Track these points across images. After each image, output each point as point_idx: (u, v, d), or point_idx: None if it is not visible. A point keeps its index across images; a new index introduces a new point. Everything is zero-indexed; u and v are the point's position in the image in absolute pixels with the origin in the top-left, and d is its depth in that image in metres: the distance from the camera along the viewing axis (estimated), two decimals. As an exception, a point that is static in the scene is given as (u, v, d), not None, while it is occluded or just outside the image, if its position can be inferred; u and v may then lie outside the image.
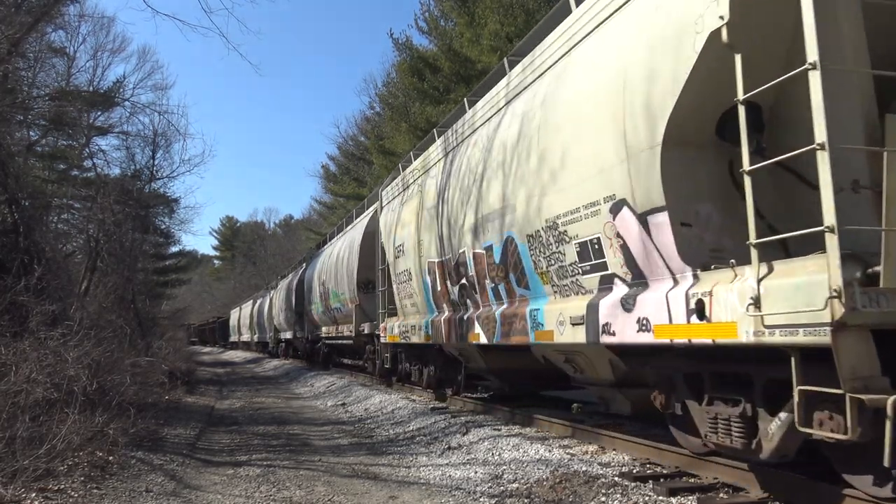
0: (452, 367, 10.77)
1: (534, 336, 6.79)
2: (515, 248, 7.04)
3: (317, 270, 20.88)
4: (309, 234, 51.55)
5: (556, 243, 6.24)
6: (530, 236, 6.69)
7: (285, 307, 28.03)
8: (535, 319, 6.78)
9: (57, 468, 5.74)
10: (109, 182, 18.10)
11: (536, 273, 6.73)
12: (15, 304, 8.41)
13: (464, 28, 25.55)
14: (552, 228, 6.26)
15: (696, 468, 5.40)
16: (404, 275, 11.46)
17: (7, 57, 11.50)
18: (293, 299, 25.36)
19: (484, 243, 7.91)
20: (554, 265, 6.37)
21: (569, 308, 6.14)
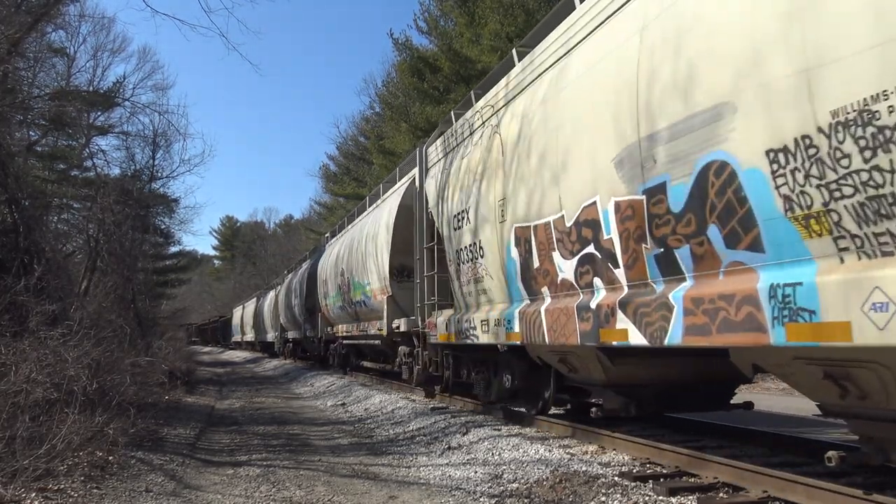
0: (536, 376, 7.98)
1: (794, 335, 3.89)
2: (734, 177, 4.26)
3: (333, 260, 17.99)
4: (309, 234, 51.53)
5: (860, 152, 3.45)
6: (777, 152, 3.94)
7: (293, 304, 25.63)
8: (787, 302, 3.94)
9: (57, 468, 5.73)
10: (109, 182, 18.09)
11: (790, 218, 3.93)
12: (15, 304, 8.40)
13: (464, 28, 25.55)
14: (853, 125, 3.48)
15: (696, 468, 5.40)
16: (469, 251, 8.61)
17: (7, 57, 11.49)
18: (303, 295, 23.14)
19: (648, 182, 5.07)
20: (849, 197, 3.59)
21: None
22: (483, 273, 8.27)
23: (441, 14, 28.34)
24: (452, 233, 9.18)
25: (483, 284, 8.32)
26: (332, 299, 17.93)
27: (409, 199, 12.06)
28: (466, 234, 8.64)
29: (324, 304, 19.20)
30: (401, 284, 12.38)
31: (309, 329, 22.70)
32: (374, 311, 13.84)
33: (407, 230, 11.89)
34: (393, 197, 13.37)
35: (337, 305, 17.42)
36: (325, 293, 18.96)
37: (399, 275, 12.42)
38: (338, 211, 43.16)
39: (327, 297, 18.64)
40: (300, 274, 24.79)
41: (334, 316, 18.21)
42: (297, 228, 66.73)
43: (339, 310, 17.30)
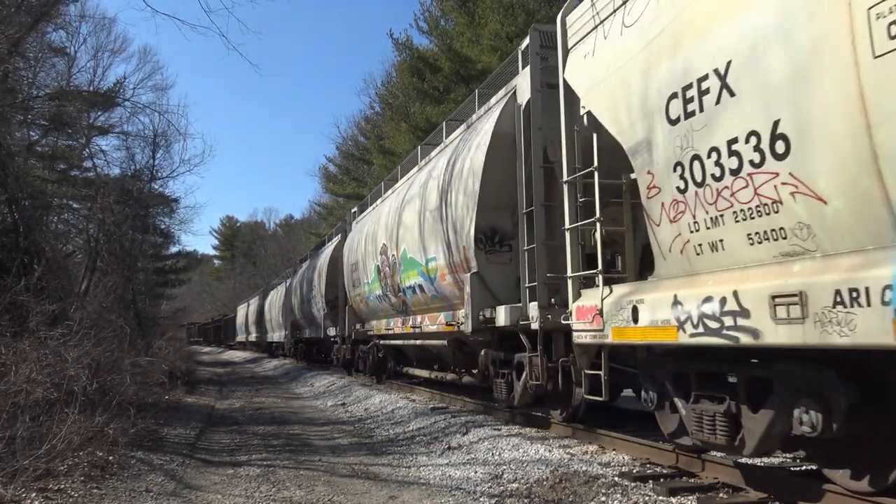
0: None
1: None
2: None
3: (368, 237, 13.90)
4: (309, 236, 51.53)
5: None
6: None
7: (309, 298, 22.14)
8: None
9: (57, 468, 5.74)
10: (109, 182, 18.11)
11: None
12: (15, 304, 8.41)
13: (464, 28, 25.56)
14: None
15: (696, 468, 5.40)
16: (733, 152, 4.18)
17: (7, 57, 11.50)
18: (322, 286, 19.70)
19: None
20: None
21: None
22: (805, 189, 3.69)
23: (441, 14, 28.36)
24: (668, 131, 4.71)
25: (797, 212, 3.76)
26: (367, 287, 13.94)
27: (508, 124, 8.05)
28: (730, 116, 4.16)
29: (352, 294, 15.58)
30: (490, 256, 8.38)
31: (330, 325, 19.12)
32: (440, 297, 9.86)
33: (504, 173, 8.03)
34: (483, 125, 8.74)
35: (374, 295, 13.43)
36: (354, 281, 15.22)
37: (488, 242, 8.41)
38: (337, 211, 43.15)
39: (358, 286, 14.82)
40: (319, 261, 21.30)
41: (368, 309, 14.45)
42: (297, 228, 66.75)
43: (376, 300, 13.36)
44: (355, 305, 15.51)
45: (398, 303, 11.92)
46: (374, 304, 13.59)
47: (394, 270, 11.70)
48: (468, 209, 8.38)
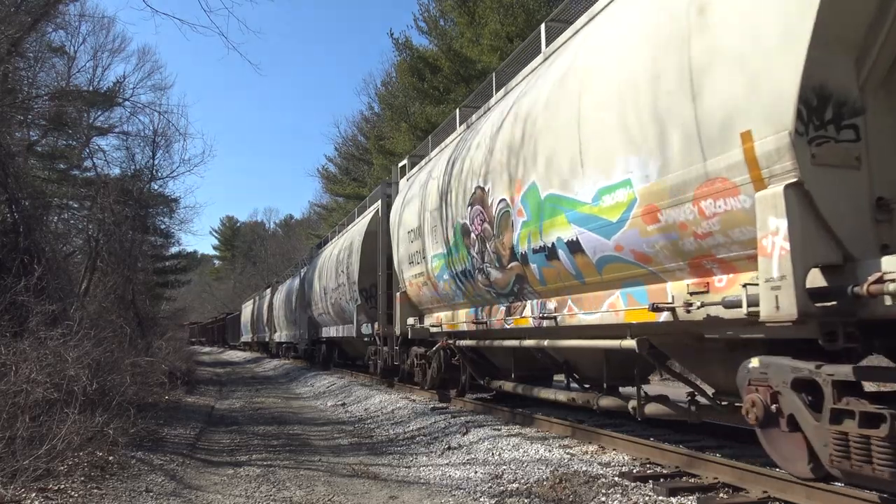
0: None
1: None
2: None
3: (437, 187, 9.84)
4: (309, 236, 51.55)
5: None
6: None
7: (332, 288, 18.25)
8: None
9: (57, 468, 5.73)
10: (109, 182, 18.09)
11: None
12: (15, 304, 8.41)
13: (464, 28, 25.57)
14: None
15: (696, 468, 5.40)
16: None
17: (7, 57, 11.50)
18: (354, 271, 15.57)
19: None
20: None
21: None
22: None
23: (441, 14, 28.37)
24: None
25: None
26: (436, 263, 9.86)
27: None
28: None
29: (408, 276, 11.33)
30: (827, 150, 3.80)
31: (365, 323, 15.27)
32: (634, 255, 5.29)
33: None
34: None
35: (451, 273, 9.26)
36: (411, 257, 11.08)
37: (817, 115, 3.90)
38: (337, 212, 43.17)
39: (418, 263, 10.71)
40: (349, 240, 16.96)
41: (435, 295, 10.35)
42: (297, 228, 66.77)
43: (454, 281, 9.27)
44: (412, 291, 11.29)
45: (504, 279, 7.67)
46: (448, 286, 9.51)
47: (503, 226, 7.34)
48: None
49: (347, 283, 16.32)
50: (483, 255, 8.00)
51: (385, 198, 14.49)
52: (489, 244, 7.78)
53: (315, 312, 21.21)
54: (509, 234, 7.17)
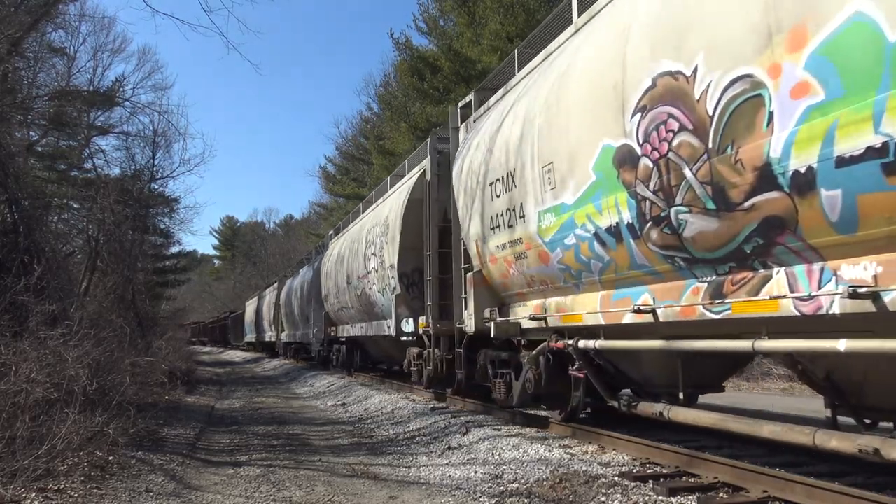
0: None
1: None
2: None
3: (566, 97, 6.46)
4: (309, 236, 51.57)
5: None
6: None
7: (359, 276, 14.82)
8: None
9: (57, 468, 5.73)
10: (109, 182, 18.12)
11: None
12: (15, 304, 8.41)
13: (464, 28, 25.57)
14: None
15: (696, 468, 5.40)
16: None
17: (7, 57, 11.51)
18: (391, 252, 12.19)
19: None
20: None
21: None
22: None
23: (440, 14, 28.39)
24: None
25: None
26: (548, 218, 6.68)
27: None
28: None
29: (490, 247, 8.11)
30: None
31: (406, 318, 12.11)
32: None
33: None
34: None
35: (598, 228, 5.89)
36: (499, 215, 7.76)
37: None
38: (337, 211, 43.19)
39: (506, 228, 7.62)
40: (385, 213, 13.39)
41: (535, 273, 7.23)
42: (297, 228, 66.77)
43: (581, 245, 6.19)
44: (495, 270, 8.15)
45: (724, 230, 4.60)
46: (572, 256, 6.33)
47: (739, 127, 4.30)
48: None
49: (381, 269, 12.92)
50: (670, 193, 4.89)
51: (435, 154, 11.32)
52: (692, 169, 4.62)
53: (332, 308, 18.15)
54: (759, 138, 4.11)
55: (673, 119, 4.80)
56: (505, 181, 7.56)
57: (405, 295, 11.93)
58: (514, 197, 7.33)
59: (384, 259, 12.75)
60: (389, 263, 12.32)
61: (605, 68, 5.70)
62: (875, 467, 5.21)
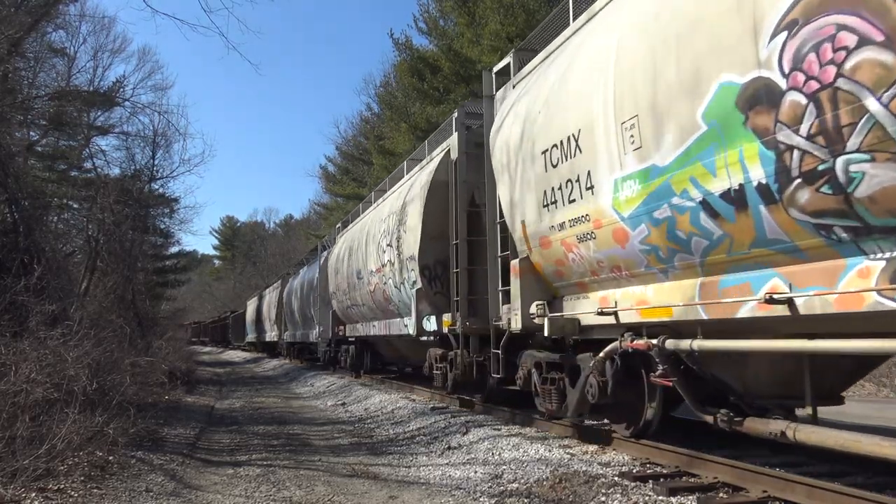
0: None
1: None
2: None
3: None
4: (309, 236, 51.58)
5: None
6: None
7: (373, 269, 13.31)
8: None
9: (57, 468, 5.73)
10: (109, 182, 18.12)
11: None
12: (15, 304, 8.41)
13: (464, 28, 25.59)
14: None
15: (696, 468, 5.40)
16: None
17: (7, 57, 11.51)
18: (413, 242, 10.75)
19: None
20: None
21: None
22: None
23: (440, 14, 28.40)
24: None
25: None
26: (629, 187, 5.31)
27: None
28: None
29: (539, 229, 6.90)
30: None
31: (428, 315, 10.68)
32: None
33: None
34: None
35: (709, 194, 4.50)
36: (555, 189, 6.46)
37: None
38: (337, 211, 43.20)
39: (570, 200, 6.22)
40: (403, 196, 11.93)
41: (606, 257, 5.88)
42: (297, 228, 66.79)
43: (679, 219, 4.84)
44: (546, 257, 6.92)
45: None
46: (663, 234, 5.11)
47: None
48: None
49: (398, 261, 11.54)
50: (838, 137, 3.60)
51: (464, 130, 9.91)
52: (881, 98, 3.36)
53: (341, 306, 16.92)
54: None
55: (847, 32, 3.48)
56: (565, 147, 6.18)
57: (427, 289, 10.48)
58: (577, 165, 5.98)
59: (402, 250, 11.21)
60: (409, 255, 10.79)
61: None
62: (875, 467, 5.22)
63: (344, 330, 17.33)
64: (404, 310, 11.91)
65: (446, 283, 10.22)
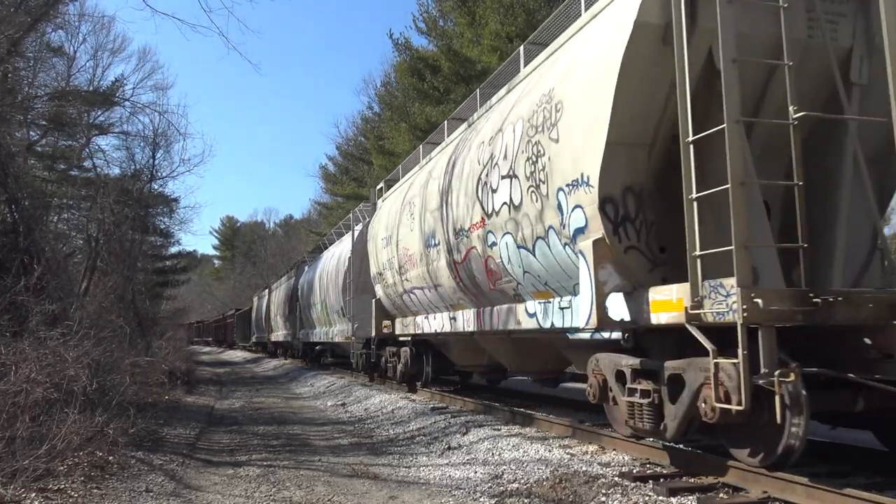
0: None
1: None
2: None
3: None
4: (310, 234, 51.59)
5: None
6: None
7: (494, 211, 7.68)
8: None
9: (57, 468, 5.73)
10: (109, 182, 18.13)
11: None
12: (15, 304, 8.41)
13: (464, 28, 25.60)
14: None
15: (696, 468, 5.40)
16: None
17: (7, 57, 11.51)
18: (590, 146, 5.70)
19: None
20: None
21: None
22: None
23: (440, 14, 28.42)
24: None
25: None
26: None
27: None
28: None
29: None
30: None
31: (614, 290, 5.78)
32: None
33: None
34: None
35: None
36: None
37: None
38: (337, 211, 43.21)
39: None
40: (551, 87, 6.67)
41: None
42: (297, 228, 66.79)
43: None
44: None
45: None
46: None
47: None
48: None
49: (539, 198, 6.88)
50: None
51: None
52: None
53: (390, 292, 12.61)
54: None
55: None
56: None
57: (611, 241, 5.69)
58: None
59: (549, 174, 6.46)
60: (569, 179, 6.08)
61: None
62: (875, 467, 5.22)
63: (392, 326, 13.07)
64: (536, 285, 7.25)
65: (648, 227, 5.73)
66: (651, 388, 5.43)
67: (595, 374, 6.30)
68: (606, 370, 6.14)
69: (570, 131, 6.12)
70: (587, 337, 6.63)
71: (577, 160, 6.00)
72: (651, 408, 5.46)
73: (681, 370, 5.08)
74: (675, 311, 5.05)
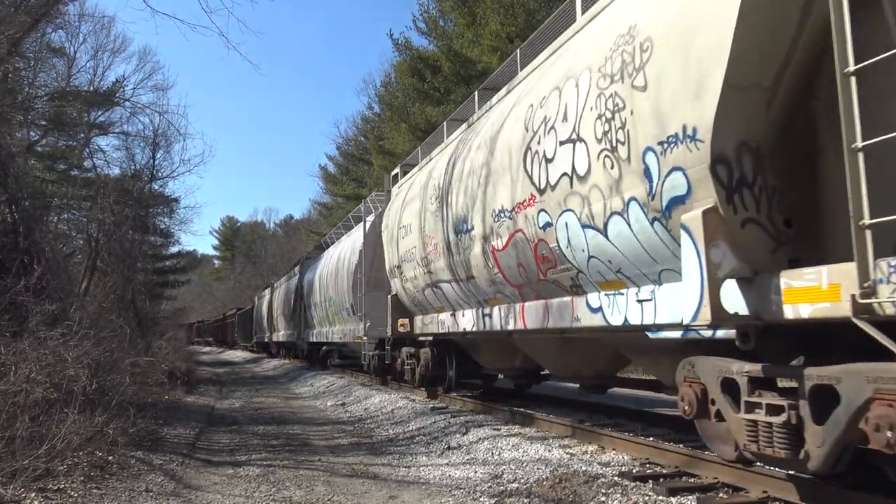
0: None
1: None
2: None
3: None
4: (310, 234, 51.59)
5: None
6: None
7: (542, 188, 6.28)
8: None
9: (57, 468, 5.73)
10: (109, 182, 18.14)
11: None
12: (15, 304, 8.41)
13: (464, 28, 25.59)
14: None
15: (696, 468, 5.40)
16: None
17: (7, 57, 11.51)
18: (701, 93, 4.25)
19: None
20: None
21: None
22: None
23: (440, 14, 28.42)
24: None
25: None
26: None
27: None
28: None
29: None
30: None
31: (729, 275, 4.30)
32: None
33: None
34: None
35: None
36: None
37: None
38: (337, 210, 43.21)
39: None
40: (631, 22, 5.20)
41: None
42: (297, 228, 66.81)
43: None
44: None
45: None
46: None
47: None
48: None
49: (615, 162, 5.53)
50: None
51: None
52: None
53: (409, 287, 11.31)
54: None
55: None
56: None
57: (725, 211, 4.24)
58: None
59: (629, 137, 5.06)
60: (667, 135, 4.64)
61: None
62: (875, 467, 5.21)
63: (410, 324, 11.76)
64: (604, 273, 5.84)
65: (770, 195, 4.30)
66: (785, 402, 4.00)
67: (690, 384, 4.88)
68: (707, 378, 4.72)
69: (664, 74, 4.70)
70: (677, 336, 5.23)
71: (674, 110, 4.58)
72: (786, 429, 4.01)
73: (833, 381, 3.70)
74: (827, 302, 3.69)
